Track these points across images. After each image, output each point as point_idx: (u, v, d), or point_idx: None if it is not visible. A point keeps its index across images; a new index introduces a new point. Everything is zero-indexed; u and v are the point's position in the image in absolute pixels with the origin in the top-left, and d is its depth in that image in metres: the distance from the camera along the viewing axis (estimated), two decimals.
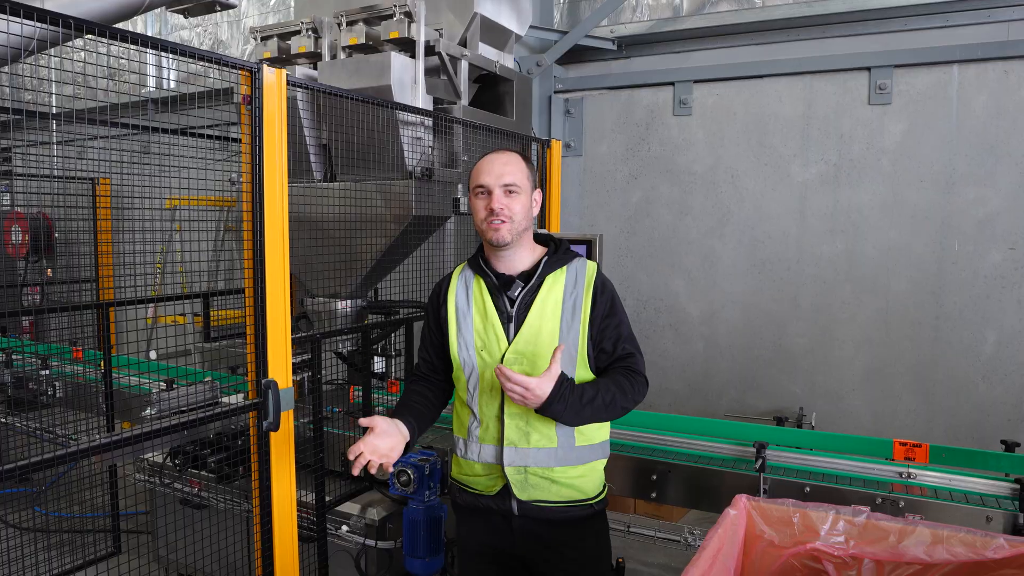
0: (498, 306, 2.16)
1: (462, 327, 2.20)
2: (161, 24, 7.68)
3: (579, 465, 2.17)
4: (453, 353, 2.20)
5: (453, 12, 3.77)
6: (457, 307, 2.22)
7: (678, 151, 5.11)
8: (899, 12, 4.39)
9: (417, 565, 2.88)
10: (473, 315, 2.19)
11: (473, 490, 2.24)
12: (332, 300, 3.58)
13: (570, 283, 2.16)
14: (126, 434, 2.19)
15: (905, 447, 2.74)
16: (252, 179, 2.37)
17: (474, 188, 2.14)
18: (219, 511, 3.16)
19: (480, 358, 2.16)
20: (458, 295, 2.23)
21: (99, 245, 6.02)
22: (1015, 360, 4.28)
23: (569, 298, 2.14)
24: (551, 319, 2.11)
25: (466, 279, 2.25)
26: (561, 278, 2.16)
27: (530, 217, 2.17)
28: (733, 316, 5.00)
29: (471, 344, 2.17)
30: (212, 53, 2.28)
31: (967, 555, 1.66)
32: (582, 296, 2.15)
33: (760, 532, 1.87)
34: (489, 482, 2.20)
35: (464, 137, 3.61)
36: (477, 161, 2.19)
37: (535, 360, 2.10)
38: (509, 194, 2.11)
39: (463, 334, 2.19)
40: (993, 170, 4.27)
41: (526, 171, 2.16)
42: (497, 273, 2.18)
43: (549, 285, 2.15)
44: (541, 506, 2.15)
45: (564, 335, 2.11)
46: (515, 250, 2.16)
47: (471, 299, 2.21)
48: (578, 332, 2.12)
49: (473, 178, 2.16)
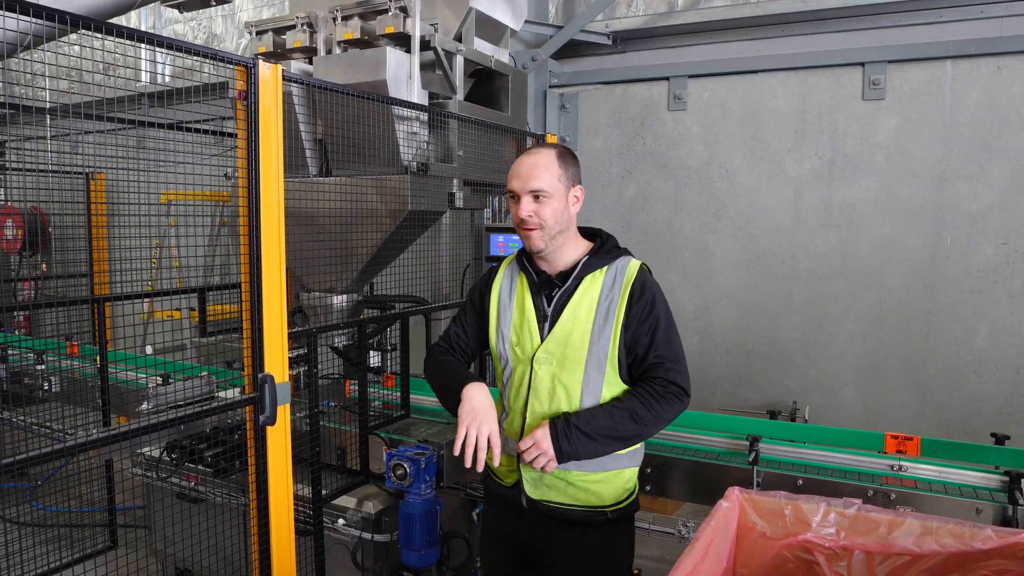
0: (536, 304, 2.15)
1: (502, 320, 2.21)
2: (155, 17, 7.64)
3: (599, 472, 2.12)
4: (492, 344, 2.24)
5: (448, 7, 3.77)
6: (500, 300, 2.23)
7: (673, 146, 5.12)
8: (893, 8, 4.41)
9: (413, 558, 2.89)
10: (513, 310, 2.19)
11: (495, 477, 2.27)
12: (328, 295, 3.59)
13: (607, 285, 2.11)
14: (122, 429, 2.19)
15: (896, 440, 2.76)
16: (248, 174, 2.37)
17: (508, 193, 2.11)
18: (216, 505, 3.17)
19: (514, 353, 2.17)
20: (502, 287, 2.24)
21: (94, 240, 6.01)
22: (1006, 354, 4.32)
23: (604, 301, 2.09)
24: (583, 322, 2.08)
25: (512, 273, 2.25)
26: (599, 279, 2.11)
27: (566, 219, 2.10)
28: (727, 310, 5.03)
29: (507, 338, 2.19)
30: (208, 48, 2.28)
31: (956, 546, 1.69)
32: (617, 299, 2.08)
33: (752, 524, 1.89)
34: (507, 473, 2.22)
35: (460, 132, 3.61)
36: (472, 157, 2.19)
37: (564, 362, 2.08)
38: (537, 199, 2.05)
39: (502, 328, 2.21)
40: (985, 165, 4.29)
41: (558, 171, 2.07)
42: (538, 271, 2.17)
43: (586, 286, 2.11)
44: (548, 505, 2.15)
45: (595, 339, 2.07)
46: (554, 251, 2.12)
47: (513, 294, 2.21)
48: (609, 337, 2.07)
49: (508, 179, 2.12)
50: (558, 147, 2.14)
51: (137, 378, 3.79)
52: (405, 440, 3.14)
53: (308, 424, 2.92)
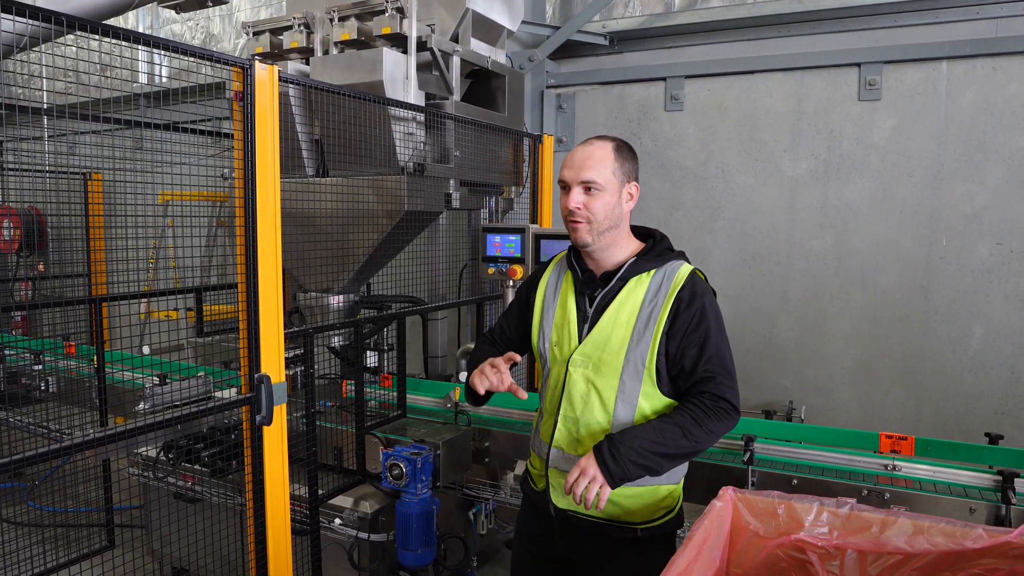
0: (579, 304, 2.07)
1: (545, 318, 2.15)
2: (152, 18, 7.64)
3: (632, 487, 1.98)
4: (534, 342, 2.18)
5: (445, 8, 3.78)
6: (544, 297, 2.17)
7: (669, 146, 5.13)
8: (889, 8, 4.42)
9: (409, 557, 2.90)
10: (556, 308, 2.12)
11: (530, 479, 2.23)
12: (325, 295, 3.60)
13: (652, 289, 1.99)
14: (119, 429, 2.20)
15: (891, 440, 2.77)
16: (244, 175, 2.38)
17: (560, 183, 2.03)
18: (213, 505, 3.18)
19: (552, 353, 2.11)
20: (548, 285, 2.18)
21: (91, 240, 6.01)
22: (1001, 353, 4.33)
23: (647, 306, 1.97)
24: (623, 327, 1.97)
25: (560, 270, 2.18)
26: (645, 283, 2.00)
27: (617, 215, 1.99)
28: (724, 310, 4.98)
29: (548, 337, 2.12)
30: (204, 50, 2.28)
31: (947, 545, 1.69)
32: (660, 306, 1.96)
33: (746, 523, 1.90)
34: (538, 476, 2.16)
35: (456, 133, 3.62)
36: (469, 158, 2.19)
37: (599, 366, 1.99)
38: (588, 191, 1.95)
39: (544, 326, 2.15)
40: (981, 166, 4.30)
41: (613, 164, 1.97)
42: (584, 268, 2.08)
43: (630, 289, 2.00)
44: (576, 516, 2.05)
45: (633, 345, 1.96)
46: (602, 249, 2.02)
47: (558, 292, 2.14)
48: (648, 345, 1.95)
49: (561, 168, 2.05)
50: (617, 140, 2.03)
51: (134, 378, 3.80)
52: (402, 440, 3.15)
53: (305, 424, 2.93)
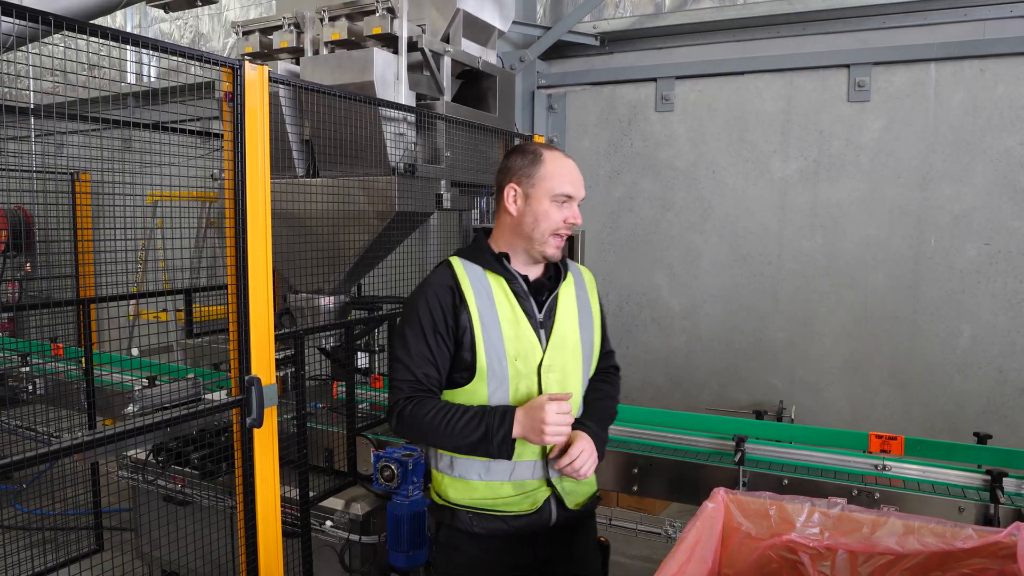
0: (527, 311, 1.99)
1: (490, 334, 1.94)
2: (141, 16, 7.59)
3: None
4: (480, 364, 1.93)
5: (436, 8, 3.77)
6: (480, 311, 1.94)
7: (660, 147, 5.14)
8: (878, 10, 4.44)
9: (401, 559, 2.89)
10: (501, 321, 1.95)
11: (502, 513, 1.99)
12: (315, 296, 3.58)
13: (578, 287, 2.13)
14: (108, 431, 2.18)
15: (881, 440, 2.78)
16: (234, 175, 2.36)
17: (556, 195, 1.95)
18: (203, 507, 3.16)
19: (514, 368, 1.95)
20: (478, 301, 1.95)
21: (79, 241, 5.97)
22: (989, 353, 4.36)
23: (583, 303, 2.11)
24: (572, 324, 2.07)
25: (477, 281, 1.98)
26: (571, 282, 2.12)
27: None
28: (714, 310, 5.05)
29: (503, 353, 1.94)
30: (193, 50, 2.27)
31: (937, 545, 1.70)
32: (590, 298, 2.15)
33: (738, 524, 1.90)
34: (524, 500, 2.00)
35: (447, 133, 3.61)
36: (460, 158, 2.18)
37: (565, 367, 2.03)
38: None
39: (492, 343, 1.94)
40: (969, 167, 4.33)
41: None
42: (523, 275, 2.03)
43: (564, 290, 2.09)
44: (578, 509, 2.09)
45: (586, 340, 2.09)
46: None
47: (495, 302, 1.96)
48: (595, 336, 2.14)
49: (553, 182, 1.95)
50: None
51: (123, 380, 3.77)
52: (393, 442, 3.14)
53: (295, 426, 2.92)
